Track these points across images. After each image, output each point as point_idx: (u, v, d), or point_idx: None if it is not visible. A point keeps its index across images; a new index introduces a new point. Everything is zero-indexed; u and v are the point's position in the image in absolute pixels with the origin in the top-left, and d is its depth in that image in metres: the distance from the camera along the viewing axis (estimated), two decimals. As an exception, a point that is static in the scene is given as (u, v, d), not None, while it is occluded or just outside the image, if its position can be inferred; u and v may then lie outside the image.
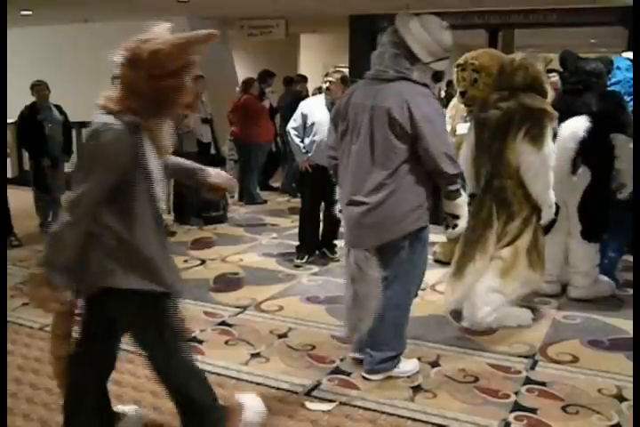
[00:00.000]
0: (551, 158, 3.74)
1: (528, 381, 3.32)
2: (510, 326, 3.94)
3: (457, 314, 4.11)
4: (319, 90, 6.71)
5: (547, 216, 3.88)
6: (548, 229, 4.17)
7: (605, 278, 4.49)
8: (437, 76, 3.12)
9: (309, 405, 3.08)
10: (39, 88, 6.62)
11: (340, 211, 3.39)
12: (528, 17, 10.12)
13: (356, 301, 3.21)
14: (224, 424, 2.53)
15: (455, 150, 3.51)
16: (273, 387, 3.24)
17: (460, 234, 3.44)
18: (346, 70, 10.58)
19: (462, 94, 3.96)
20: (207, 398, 2.52)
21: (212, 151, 7.88)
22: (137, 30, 2.31)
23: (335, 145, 3.32)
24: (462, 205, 3.18)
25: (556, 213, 4.29)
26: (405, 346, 3.41)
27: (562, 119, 4.03)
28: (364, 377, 3.35)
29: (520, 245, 3.84)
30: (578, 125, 4.01)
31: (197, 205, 6.98)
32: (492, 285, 3.84)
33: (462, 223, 3.21)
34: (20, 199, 6.76)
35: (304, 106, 5.48)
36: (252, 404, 2.67)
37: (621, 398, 3.11)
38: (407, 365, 3.39)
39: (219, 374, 3.38)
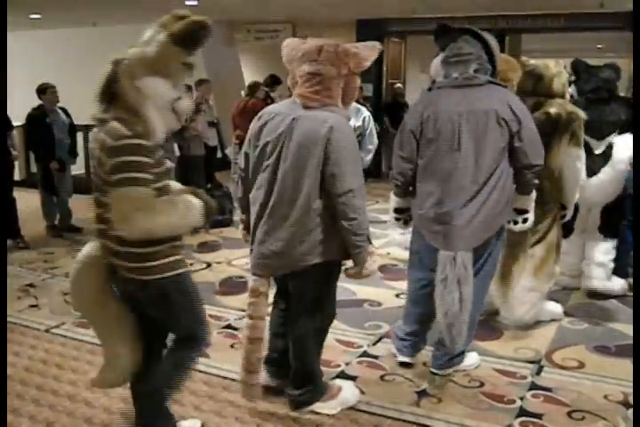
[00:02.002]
0: (583, 159, 3.92)
1: (533, 386, 3.32)
2: (544, 320, 4.10)
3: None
4: None
5: (569, 214, 4.02)
6: (569, 230, 4.41)
7: (621, 280, 4.64)
8: None
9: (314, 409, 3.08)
10: (53, 90, 6.64)
11: (398, 219, 3.51)
12: (535, 21, 10.12)
13: (462, 304, 3.08)
14: (323, 395, 3.07)
15: None
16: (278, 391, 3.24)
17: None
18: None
19: None
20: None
21: (219, 155, 7.88)
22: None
23: (412, 155, 3.24)
24: (533, 199, 3.29)
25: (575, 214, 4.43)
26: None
27: (594, 129, 4.16)
28: (432, 372, 3.42)
29: (550, 241, 3.96)
30: (629, 146, 4.20)
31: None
32: (527, 284, 3.94)
33: (532, 217, 3.33)
34: (28, 202, 6.80)
35: None
36: (349, 388, 3.20)
37: (628, 405, 3.10)
38: (470, 358, 3.51)
39: (224, 378, 3.39)
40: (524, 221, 3.30)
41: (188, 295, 2.52)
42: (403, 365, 3.54)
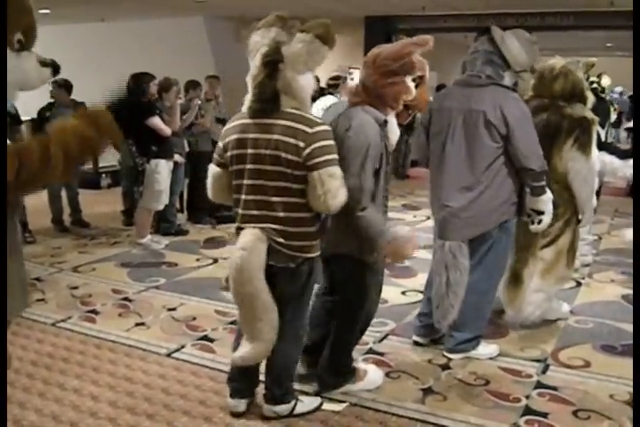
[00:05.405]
0: (597, 165, 3.87)
1: (539, 385, 3.32)
2: (550, 319, 4.11)
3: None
4: (322, 91, 6.56)
5: (586, 221, 4.00)
6: None
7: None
8: (514, 87, 3.40)
9: (320, 405, 3.09)
10: (54, 86, 6.64)
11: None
12: (544, 20, 10.09)
13: (448, 287, 3.39)
14: (353, 378, 3.19)
15: None
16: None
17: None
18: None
19: None
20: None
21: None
22: (153, 30, 2.37)
23: (420, 146, 3.60)
24: (547, 201, 3.37)
25: None
26: (484, 330, 3.63)
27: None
28: (444, 355, 3.59)
29: (562, 246, 3.90)
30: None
31: (210, 205, 6.99)
32: (533, 285, 3.91)
33: (547, 219, 3.41)
34: (36, 196, 6.79)
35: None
36: (374, 370, 3.32)
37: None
38: (486, 348, 3.62)
39: (230, 373, 3.39)
40: (540, 221, 3.40)
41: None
42: (416, 344, 3.75)
